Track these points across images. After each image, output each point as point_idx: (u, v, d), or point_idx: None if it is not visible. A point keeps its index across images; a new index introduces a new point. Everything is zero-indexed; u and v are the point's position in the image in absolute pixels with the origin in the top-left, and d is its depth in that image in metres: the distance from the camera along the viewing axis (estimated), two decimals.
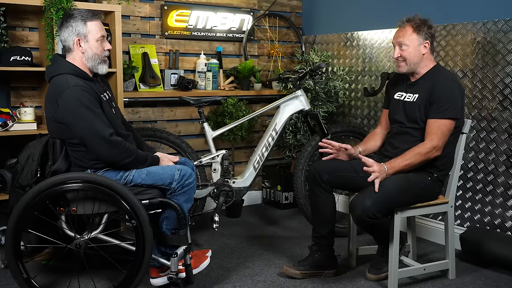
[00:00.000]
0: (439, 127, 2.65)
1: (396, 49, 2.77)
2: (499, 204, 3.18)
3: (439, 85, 2.68)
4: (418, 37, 2.72)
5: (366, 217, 2.57)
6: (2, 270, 2.92)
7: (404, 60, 2.75)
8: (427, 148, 2.64)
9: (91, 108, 2.44)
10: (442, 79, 2.70)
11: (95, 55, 2.56)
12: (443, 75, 2.74)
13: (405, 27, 2.75)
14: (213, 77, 3.96)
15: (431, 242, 3.49)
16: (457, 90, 2.68)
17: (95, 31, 2.55)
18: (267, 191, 4.43)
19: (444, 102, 2.64)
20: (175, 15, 3.91)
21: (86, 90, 2.45)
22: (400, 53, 2.75)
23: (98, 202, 2.48)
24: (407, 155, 2.67)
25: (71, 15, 2.55)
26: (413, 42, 2.72)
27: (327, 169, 2.87)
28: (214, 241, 3.49)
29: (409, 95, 2.82)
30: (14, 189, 2.54)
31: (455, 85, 2.70)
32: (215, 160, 3.46)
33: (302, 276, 2.89)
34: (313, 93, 3.98)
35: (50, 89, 2.51)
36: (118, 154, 2.47)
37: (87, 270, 2.62)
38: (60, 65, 2.54)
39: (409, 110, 2.79)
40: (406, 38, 2.72)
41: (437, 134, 2.64)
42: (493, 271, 3.01)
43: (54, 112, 2.47)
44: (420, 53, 2.74)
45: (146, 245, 2.43)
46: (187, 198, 2.61)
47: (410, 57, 2.73)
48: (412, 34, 2.72)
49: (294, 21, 4.52)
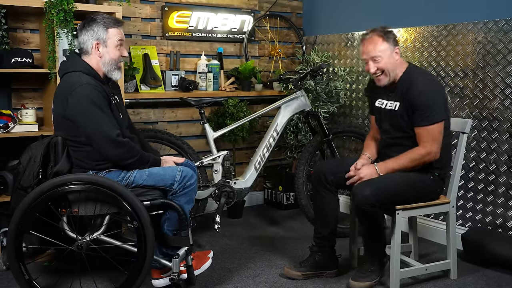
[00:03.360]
0: (428, 134, 2.61)
1: (370, 63, 2.68)
2: (501, 204, 3.17)
3: (416, 92, 2.61)
4: (389, 45, 2.66)
5: (367, 204, 2.57)
6: (4, 272, 2.92)
7: (382, 72, 2.68)
8: (421, 154, 2.63)
9: (101, 107, 2.45)
10: (417, 84, 2.63)
11: (111, 60, 2.58)
12: (416, 78, 2.66)
13: (372, 38, 2.67)
14: (214, 78, 3.96)
15: (433, 242, 3.49)
16: (434, 92, 2.62)
17: (115, 37, 2.57)
18: (268, 192, 4.42)
19: (425, 109, 2.59)
20: (176, 16, 3.92)
21: (97, 89, 2.47)
22: (376, 66, 2.67)
23: (100, 204, 2.48)
24: (401, 159, 2.68)
25: (94, 19, 2.56)
26: (385, 51, 2.65)
27: (332, 170, 2.88)
28: (215, 242, 3.49)
29: (390, 103, 2.77)
30: (16, 190, 2.54)
31: (431, 86, 2.64)
32: (216, 161, 3.46)
33: (303, 277, 2.89)
34: (314, 93, 3.98)
35: (62, 85, 2.52)
36: (123, 154, 2.48)
37: (89, 272, 2.62)
38: (75, 63, 2.56)
39: (394, 120, 2.76)
40: (378, 50, 2.64)
41: (428, 140, 2.62)
42: (495, 271, 3.01)
43: (63, 109, 2.47)
44: (394, 60, 2.68)
45: (147, 246, 2.43)
46: (188, 199, 2.62)
47: (388, 67, 2.66)
48: (383, 43, 2.65)
49: (295, 21, 4.52)
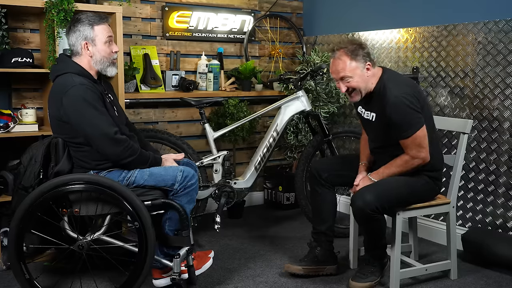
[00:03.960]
0: (412, 143, 2.58)
1: (340, 84, 2.63)
2: (501, 204, 3.18)
3: (389, 109, 2.55)
4: (358, 63, 2.58)
5: (369, 210, 2.53)
6: (4, 271, 2.92)
7: (353, 90, 2.63)
8: (409, 160, 2.61)
9: (96, 106, 2.45)
10: (389, 99, 2.56)
11: (103, 58, 2.57)
12: (389, 91, 2.58)
13: (340, 58, 2.59)
14: (214, 78, 3.96)
15: (433, 242, 3.49)
16: (407, 105, 2.54)
17: (102, 34, 2.55)
18: (268, 192, 4.42)
19: (403, 125, 2.56)
20: (176, 16, 3.92)
21: (90, 89, 2.47)
22: (347, 86, 2.61)
23: (101, 204, 2.48)
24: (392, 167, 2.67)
25: (78, 19, 2.55)
26: (355, 70, 2.58)
27: (326, 168, 2.90)
28: (216, 242, 3.49)
29: (367, 113, 2.75)
30: (17, 190, 2.55)
31: (401, 101, 2.54)
32: (217, 161, 3.46)
33: (304, 272, 2.87)
34: (314, 93, 3.98)
35: (55, 88, 2.52)
36: (122, 152, 2.48)
37: (90, 271, 2.62)
38: (66, 65, 2.55)
39: (374, 130, 2.76)
40: (347, 70, 2.58)
41: (414, 148, 2.59)
42: (495, 271, 3.01)
43: (58, 111, 2.47)
44: (365, 76, 2.61)
45: (148, 246, 2.43)
46: (189, 199, 2.62)
47: (359, 85, 2.61)
48: (351, 63, 2.57)
49: (295, 21, 4.52)
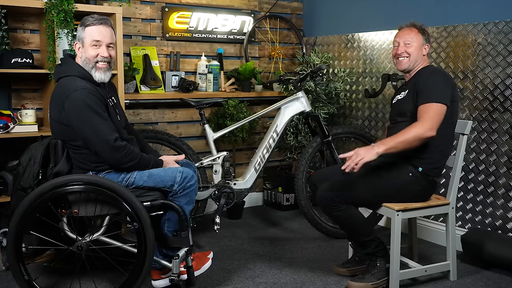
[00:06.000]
0: (425, 110, 2.63)
1: (400, 45, 2.81)
2: (500, 206, 3.18)
3: (423, 77, 2.74)
4: (423, 38, 2.81)
5: (324, 199, 2.69)
6: (4, 272, 2.92)
7: (408, 56, 2.79)
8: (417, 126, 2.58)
9: (98, 111, 2.44)
10: (426, 72, 2.76)
11: (86, 59, 2.54)
12: (428, 69, 2.79)
13: (410, 28, 2.83)
14: (214, 78, 3.96)
15: (432, 243, 3.49)
16: (440, 79, 2.70)
17: (89, 36, 2.53)
18: (268, 193, 4.43)
19: (428, 90, 2.67)
20: (176, 17, 3.92)
21: (93, 93, 2.45)
22: (405, 49, 2.79)
23: (100, 204, 2.48)
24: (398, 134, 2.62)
25: (82, 20, 2.57)
26: (418, 40, 2.79)
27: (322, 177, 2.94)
28: (215, 243, 3.49)
29: (402, 93, 2.86)
30: (16, 191, 2.54)
31: (438, 75, 2.72)
32: (216, 162, 3.46)
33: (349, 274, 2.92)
34: (314, 94, 3.98)
35: (57, 90, 2.51)
36: (121, 158, 2.47)
37: (89, 272, 2.62)
38: (70, 67, 2.55)
39: (400, 106, 2.84)
40: (412, 36, 2.79)
41: (424, 117, 2.61)
42: (494, 272, 3.01)
43: (60, 114, 2.47)
44: (422, 53, 2.81)
45: (147, 247, 2.43)
46: (188, 200, 2.62)
47: (414, 53, 2.78)
48: (418, 34, 2.80)
49: (295, 22, 4.53)
